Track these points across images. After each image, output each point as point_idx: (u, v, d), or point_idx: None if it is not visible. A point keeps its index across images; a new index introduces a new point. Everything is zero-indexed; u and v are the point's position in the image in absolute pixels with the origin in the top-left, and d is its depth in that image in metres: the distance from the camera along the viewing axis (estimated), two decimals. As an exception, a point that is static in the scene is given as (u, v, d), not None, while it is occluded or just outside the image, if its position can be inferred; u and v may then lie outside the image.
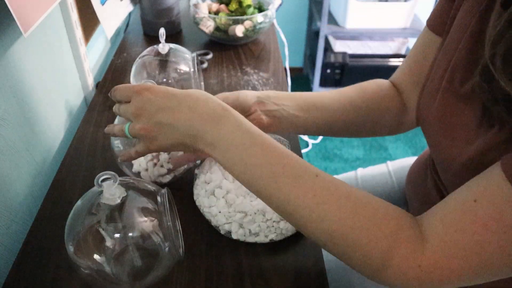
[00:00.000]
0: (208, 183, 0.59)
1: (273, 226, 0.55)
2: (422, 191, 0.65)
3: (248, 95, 0.60)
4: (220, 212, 0.56)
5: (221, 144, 0.44)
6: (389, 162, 0.86)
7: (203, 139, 0.45)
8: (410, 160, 0.82)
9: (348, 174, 0.87)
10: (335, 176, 0.87)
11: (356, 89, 0.65)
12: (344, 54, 2.07)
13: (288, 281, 0.52)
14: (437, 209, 0.42)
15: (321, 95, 0.63)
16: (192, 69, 0.73)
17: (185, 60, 0.75)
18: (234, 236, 0.56)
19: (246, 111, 0.59)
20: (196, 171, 0.63)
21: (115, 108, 0.51)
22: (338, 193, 0.42)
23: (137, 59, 0.76)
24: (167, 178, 0.64)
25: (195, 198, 0.61)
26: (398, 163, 0.85)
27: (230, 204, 0.56)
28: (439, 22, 0.58)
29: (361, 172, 0.86)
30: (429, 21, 0.60)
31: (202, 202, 0.59)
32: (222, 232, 0.57)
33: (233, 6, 1.09)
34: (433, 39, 0.59)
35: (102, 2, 0.93)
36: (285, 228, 0.56)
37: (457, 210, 0.39)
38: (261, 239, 0.56)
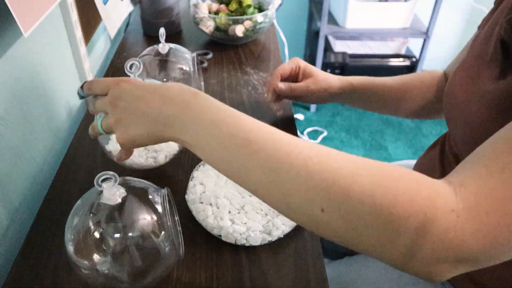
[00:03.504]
0: (196, 186, 0.60)
1: (260, 230, 0.55)
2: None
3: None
4: (207, 217, 0.56)
5: (191, 126, 0.42)
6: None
7: (172, 126, 0.43)
8: (406, 162, 0.82)
9: None
10: None
11: (414, 76, 0.76)
12: (344, 54, 2.07)
13: (288, 280, 0.52)
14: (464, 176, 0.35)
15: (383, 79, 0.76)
16: (192, 69, 0.73)
17: (185, 60, 0.75)
18: (225, 240, 0.56)
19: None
20: (193, 174, 0.63)
21: (91, 106, 0.50)
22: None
23: (137, 59, 0.76)
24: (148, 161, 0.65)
25: (188, 203, 0.61)
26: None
27: (216, 214, 0.56)
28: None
29: None
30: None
31: (191, 207, 0.59)
32: (214, 234, 0.57)
33: (233, 6, 1.09)
34: None
35: (104, 2, 0.93)
36: (272, 235, 0.56)
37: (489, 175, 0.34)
38: (250, 242, 0.56)
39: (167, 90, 0.45)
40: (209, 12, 1.09)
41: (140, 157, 0.63)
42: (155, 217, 0.45)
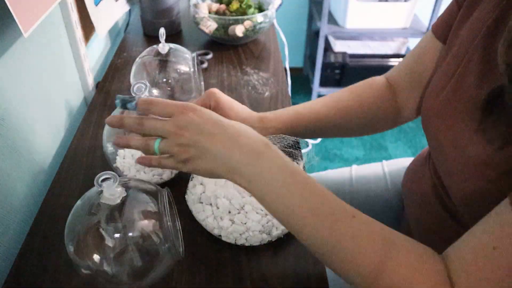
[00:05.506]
0: (196, 186, 0.60)
1: (260, 230, 0.55)
2: (419, 192, 0.64)
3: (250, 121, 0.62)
4: (207, 217, 0.57)
5: (259, 180, 0.43)
6: (384, 162, 0.85)
7: (240, 173, 0.44)
8: (406, 160, 0.82)
9: (342, 169, 0.87)
10: (330, 171, 0.88)
11: (351, 95, 0.67)
12: (344, 54, 2.07)
13: (288, 281, 0.52)
14: (459, 252, 0.41)
15: (317, 108, 0.65)
16: (192, 69, 0.73)
17: (185, 60, 0.75)
18: (225, 240, 0.56)
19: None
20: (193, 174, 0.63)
21: (135, 121, 0.48)
22: (373, 236, 0.42)
23: (137, 59, 0.76)
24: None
25: (188, 203, 0.61)
26: (393, 163, 0.84)
27: (216, 214, 0.57)
28: (443, 29, 0.59)
29: (355, 170, 0.86)
30: (434, 26, 0.62)
31: (191, 207, 0.59)
32: (214, 234, 0.57)
33: (234, 6, 1.09)
34: (435, 44, 0.60)
35: (96, 3, 0.93)
36: (272, 235, 0.56)
37: (478, 257, 0.38)
38: (250, 242, 0.56)
39: (238, 132, 0.45)
40: (209, 12, 1.09)
41: (147, 174, 0.63)
42: (155, 217, 0.45)
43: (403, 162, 0.82)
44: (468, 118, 0.46)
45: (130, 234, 0.44)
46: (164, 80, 0.74)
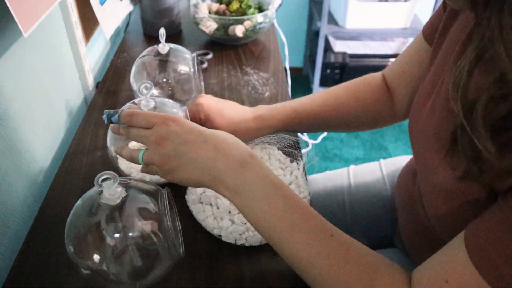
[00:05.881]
0: (196, 189, 0.60)
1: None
2: (408, 199, 0.63)
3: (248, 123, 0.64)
4: (207, 217, 0.57)
5: (243, 191, 0.43)
6: (382, 161, 0.84)
7: (224, 183, 0.44)
8: (403, 159, 0.81)
9: (340, 170, 0.86)
10: (328, 172, 0.87)
11: (347, 92, 0.68)
12: (344, 54, 2.07)
13: (288, 280, 0.52)
14: (419, 277, 0.42)
15: (314, 107, 0.67)
16: (192, 69, 0.73)
17: (185, 60, 0.75)
18: (225, 240, 0.56)
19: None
20: None
21: (123, 129, 0.49)
22: (349, 256, 0.43)
23: (137, 59, 0.76)
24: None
25: (188, 203, 0.61)
26: (391, 161, 0.83)
27: (216, 214, 0.57)
28: (431, 32, 0.58)
29: (353, 170, 0.84)
30: (423, 28, 0.61)
31: (191, 207, 0.59)
32: (214, 234, 0.57)
33: (234, 6, 1.09)
34: (425, 46, 0.60)
35: (101, 2, 0.93)
36: None
37: (432, 287, 0.40)
38: (250, 242, 0.56)
39: (222, 143, 0.45)
40: (209, 12, 1.09)
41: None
42: (155, 217, 0.45)
43: (401, 161, 0.82)
44: (440, 142, 0.45)
45: (130, 234, 0.44)
46: (164, 80, 0.74)
